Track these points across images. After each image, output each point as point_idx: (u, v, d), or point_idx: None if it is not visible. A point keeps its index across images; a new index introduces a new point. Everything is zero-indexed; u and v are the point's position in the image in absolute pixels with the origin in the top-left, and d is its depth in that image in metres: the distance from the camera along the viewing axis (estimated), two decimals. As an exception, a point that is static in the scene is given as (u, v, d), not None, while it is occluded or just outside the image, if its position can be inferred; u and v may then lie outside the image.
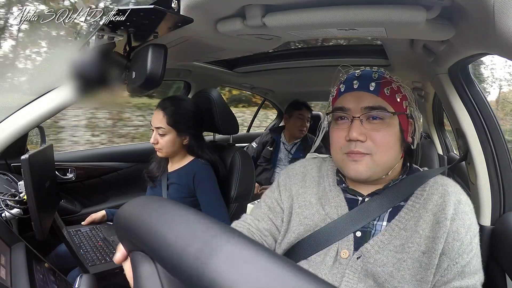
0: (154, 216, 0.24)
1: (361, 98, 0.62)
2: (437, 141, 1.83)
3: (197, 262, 0.18)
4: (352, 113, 0.62)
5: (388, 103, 0.62)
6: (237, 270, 0.17)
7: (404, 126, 0.64)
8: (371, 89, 0.61)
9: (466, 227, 0.58)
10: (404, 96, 0.64)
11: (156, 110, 1.18)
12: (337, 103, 0.65)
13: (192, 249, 0.19)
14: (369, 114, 0.61)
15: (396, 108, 0.62)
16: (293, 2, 0.64)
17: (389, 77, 0.64)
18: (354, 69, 0.67)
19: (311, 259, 0.63)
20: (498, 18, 0.44)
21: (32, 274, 0.66)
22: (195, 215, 0.23)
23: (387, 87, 0.62)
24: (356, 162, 0.61)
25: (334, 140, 0.65)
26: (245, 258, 0.18)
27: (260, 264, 0.17)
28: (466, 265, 0.57)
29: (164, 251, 0.20)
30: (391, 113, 0.61)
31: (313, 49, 1.56)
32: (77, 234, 1.22)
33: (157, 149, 1.19)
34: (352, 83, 0.63)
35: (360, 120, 0.61)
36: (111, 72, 0.82)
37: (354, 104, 0.62)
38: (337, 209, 0.65)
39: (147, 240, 0.23)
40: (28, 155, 0.80)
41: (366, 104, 0.61)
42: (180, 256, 0.19)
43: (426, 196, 0.62)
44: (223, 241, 0.19)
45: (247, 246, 0.19)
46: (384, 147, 0.60)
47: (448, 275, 0.56)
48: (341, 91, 0.65)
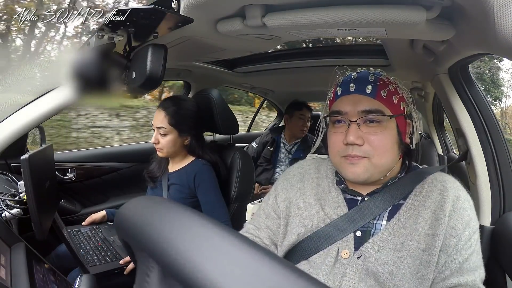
0: (155, 216, 0.24)
1: (358, 101, 0.61)
2: (437, 141, 1.84)
3: (197, 262, 0.18)
4: (349, 117, 0.62)
5: (385, 105, 0.61)
6: (236, 271, 0.17)
7: (402, 127, 0.63)
8: (367, 92, 0.61)
9: (464, 223, 0.58)
10: (402, 97, 0.64)
11: (157, 110, 1.19)
12: (334, 106, 0.65)
13: (192, 249, 0.19)
14: (366, 117, 0.61)
15: (393, 110, 0.62)
16: (293, 2, 0.64)
17: (386, 79, 0.63)
18: (351, 71, 0.67)
19: (311, 259, 0.63)
20: (498, 18, 0.44)
21: (32, 274, 0.66)
22: (195, 215, 0.23)
23: (384, 90, 0.62)
24: (354, 165, 0.61)
25: (332, 143, 0.65)
26: (246, 260, 0.18)
27: (264, 267, 0.17)
28: (465, 261, 0.57)
29: (165, 251, 0.20)
30: (388, 116, 0.61)
31: (313, 49, 1.57)
32: (77, 234, 1.22)
33: (158, 149, 1.19)
34: (348, 86, 0.63)
35: (357, 124, 0.61)
36: (111, 72, 0.82)
37: (351, 107, 0.62)
38: (337, 210, 0.65)
39: (148, 240, 0.23)
40: (28, 155, 0.80)
41: (363, 108, 0.61)
42: (180, 256, 0.19)
43: (425, 194, 0.62)
44: (224, 242, 0.19)
45: (248, 248, 0.19)
46: (382, 150, 0.60)
47: (446, 271, 0.56)
48: (338, 94, 0.65)
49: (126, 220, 0.26)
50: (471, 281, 0.56)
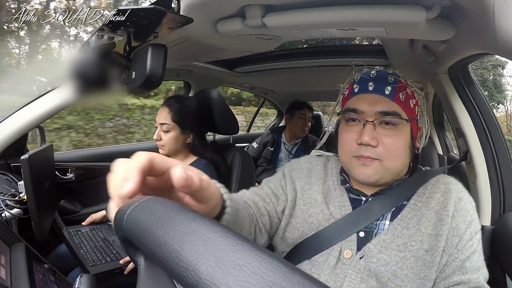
0: (155, 216, 0.24)
1: (376, 101, 0.60)
2: (437, 141, 1.84)
3: (196, 263, 0.18)
4: (365, 117, 0.60)
5: (402, 109, 0.60)
6: (237, 273, 0.17)
7: (415, 132, 0.63)
8: (386, 93, 0.60)
9: (466, 223, 0.58)
10: (417, 101, 0.63)
11: (161, 107, 1.20)
12: (349, 104, 0.63)
13: (191, 250, 0.19)
14: (383, 119, 0.59)
15: (409, 114, 0.61)
16: (293, 2, 0.64)
17: (405, 81, 0.62)
18: (369, 69, 0.65)
19: (314, 259, 0.63)
20: (498, 18, 0.44)
21: (32, 274, 0.66)
22: (195, 215, 0.23)
23: (402, 92, 0.60)
24: (365, 166, 0.60)
25: (344, 141, 0.63)
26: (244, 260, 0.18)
27: (266, 269, 0.17)
28: (467, 260, 0.56)
29: (164, 251, 0.20)
30: (405, 120, 0.60)
31: (313, 49, 1.56)
32: (77, 234, 1.22)
33: (159, 146, 1.19)
34: (367, 84, 0.61)
35: (373, 124, 0.59)
36: (111, 72, 0.82)
37: (368, 107, 0.60)
38: (341, 209, 0.65)
39: (148, 240, 0.23)
40: (28, 155, 0.80)
41: (380, 109, 0.59)
42: (180, 257, 0.19)
43: (428, 195, 0.62)
44: (223, 244, 0.19)
45: (249, 247, 0.19)
46: (395, 154, 0.59)
47: (447, 270, 0.56)
48: (355, 91, 0.63)
49: (126, 220, 0.26)
50: (474, 279, 0.56)
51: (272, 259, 0.18)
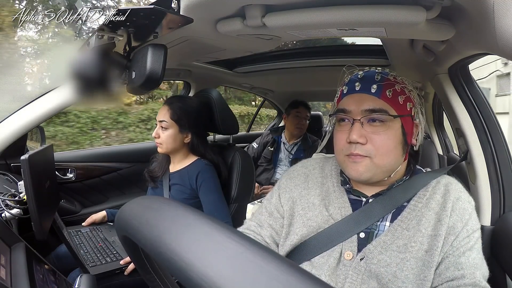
0: (156, 216, 0.24)
1: (362, 100, 0.61)
2: (437, 141, 1.84)
3: (199, 263, 0.18)
4: (353, 116, 0.62)
5: (390, 105, 0.61)
6: (240, 271, 0.17)
7: (408, 128, 0.63)
8: (372, 91, 0.61)
9: (463, 221, 0.58)
10: (408, 97, 0.63)
11: (162, 106, 1.21)
12: (339, 105, 0.66)
13: (195, 249, 0.19)
14: (370, 116, 0.61)
15: (398, 110, 0.61)
16: (293, 2, 0.64)
17: (393, 79, 0.63)
18: (358, 70, 0.67)
19: (314, 260, 0.63)
20: (498, 18, 0.44)
21: (32, 274, 0.66)
22: (197, 215, 0.23)
23: (390, 89, 0.61)
24: (356, 163, 0.61)
25: (337, 141, 0.65)
26: (248, 259, 0.18)
27: (270, 270, 0.17)
28: (462, 256, 0.56)
29: (166, 252, 0.20)
30: (392, 116, 0.61)
31: (313, 49, 1.56)
32: (77, 234, 1.22)
33: (157, 143, 1.20)
34: (354, 84, 0.63)
35: (361, 122, 0.61)
36: (111, 72, 0.82)
37: (355, 106, 0.62)
38: (341, 210, 0.65)
39: (149, 240, 0.23)
40: (28, 155, 0.80)
41: (366, 107, 0.61)
42: (181, 257, 0.19)
43: (429, 196, 0.62)
44: (229, 243, 0.19)
45: (252, 247, 0.19)
46: (384, 150, 0.60)
47: (441, 266, 0.57)
48: (344, 92, 0.66)
49: (127, 220, 0.26)
50: (469, 274, 0.55)
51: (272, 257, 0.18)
